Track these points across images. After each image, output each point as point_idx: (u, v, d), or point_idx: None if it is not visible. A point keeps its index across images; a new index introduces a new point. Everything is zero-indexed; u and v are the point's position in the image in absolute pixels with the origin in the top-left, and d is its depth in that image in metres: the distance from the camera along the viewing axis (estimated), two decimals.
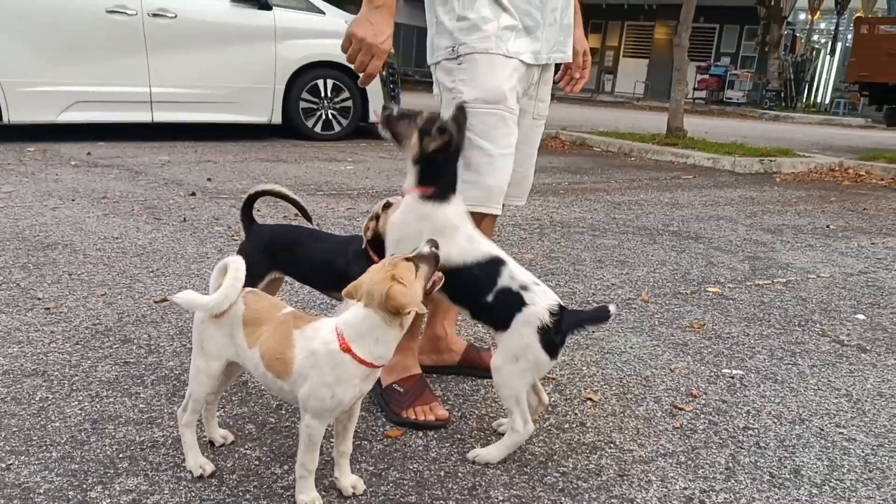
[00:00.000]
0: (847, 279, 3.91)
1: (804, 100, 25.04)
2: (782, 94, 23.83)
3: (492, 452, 1.96)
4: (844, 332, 3.11)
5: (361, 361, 1.61)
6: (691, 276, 3.82)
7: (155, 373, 2.41)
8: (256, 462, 1.93)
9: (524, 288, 1.90)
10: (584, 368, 2.59)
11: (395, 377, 2.22)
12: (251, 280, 2.39)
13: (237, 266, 1.80)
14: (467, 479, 1.89)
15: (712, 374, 2.61)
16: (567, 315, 1.90)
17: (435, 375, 2.46)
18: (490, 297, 1.92)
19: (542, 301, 1.88)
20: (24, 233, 3.95)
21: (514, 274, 1.93)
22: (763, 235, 4.86)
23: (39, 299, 2.99)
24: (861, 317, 3.29)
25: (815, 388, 2.54)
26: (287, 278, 2.47)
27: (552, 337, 1.88)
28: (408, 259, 1.64)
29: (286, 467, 1.89)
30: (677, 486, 1.89)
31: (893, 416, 2.35)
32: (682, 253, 4.28)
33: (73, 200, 4.76)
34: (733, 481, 1.94)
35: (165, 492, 1.79)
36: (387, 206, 2.16)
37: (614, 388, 2.45)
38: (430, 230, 1.88)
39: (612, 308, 1.86)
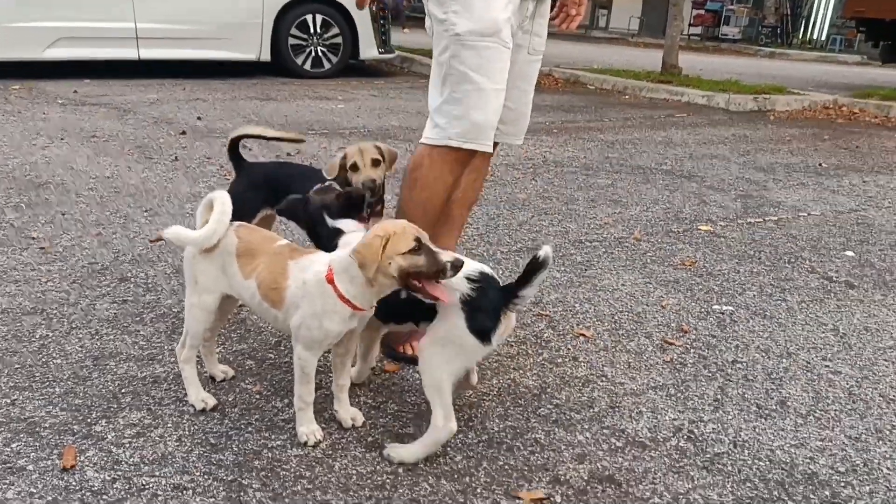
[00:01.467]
0: (837, 217, 3.94)
1: (800, 36, 24.70)
2: (778, 31, 23.48)
3: (409, 450, 1.73)
4: (833, 268, 3.15)
5: (341, 296, 1.64)
6: (683, 214, 3.84)
7: (153, 311, 2.43)
8: (257, 396, 1.98)
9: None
10: (576, 305, 2.63)
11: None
12: (243, 216, 2.40)
13: (223, 200, 1.81)
14: (464, 411, 1.94)
15: (703, 310, 2.65)
16: (493, 285, 1.68)
17: None
18: (403, 294, 1.72)
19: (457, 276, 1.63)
20: (14, 172, 3.92)
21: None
22: (756, 174, 4.87)
23: (34, 238, 2.99)
24: (850, 254, 3.33)
25: (803, 322, 2.60)
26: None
27: (478, 313, 1.65)
28: (418, 240, 1.60)
29: (286, 401, 1.94)
30: (667, 417, 1.95)
31: (878, 350, 2.41)
32: (675, 192, 4.29)
33: (61, 139, 4.70)
34: (721, 412, 2.00)
35: (168, 425, 1.83)
36: (344, 157, 2.18)
37: (606, 324, 2.50)
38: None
39: (542, 252, 1.64)
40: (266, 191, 2.36)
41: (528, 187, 4.21)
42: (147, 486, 1.61)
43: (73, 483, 1.61)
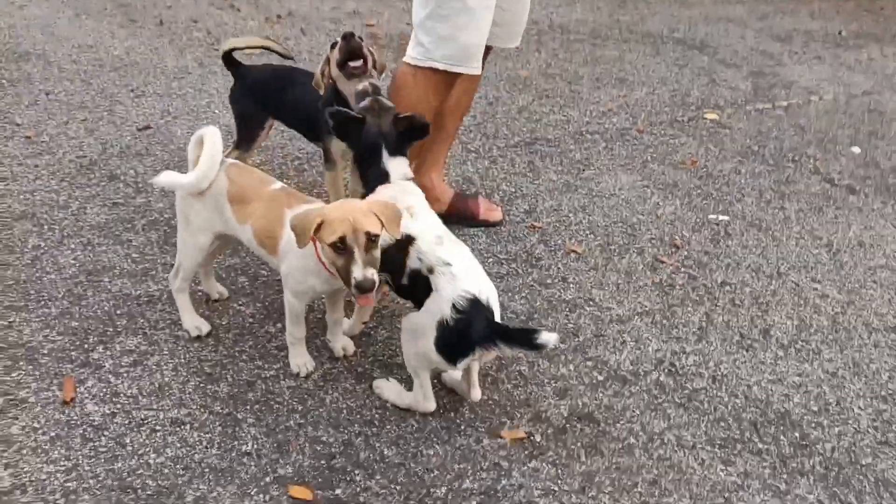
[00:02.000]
0: (850, 101, 3.81)
1: None
2: None
3: (392, 392, 1.75)
4: (837, 168, 3.09)
5: (319, 258, 1.62)
6: (691, 98, 3.71)
7: (144, 216, 2.42)
8: (251, 320, 2.01)
9: (431, 271, 1.62)
10: (570, 215, 2.60)
11: None
12: (252, 130, 2.35)
13: (213, 140, 1.74)
14: None
15: (698, 220, 2.63)
16: (479, 319, 1.55)
17: None
18: (405, 279, 1.67)
19: (447, 290, 1.57)
20: None
21: (423, 253, 1.64)
22: (772, 45, 4.64)
23: (18, 125, 2.91)
24: (856, 150, 3.25)
25: (798, 236, 2.59)
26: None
27: (452, 339, 1.56)
28: (342, 240, 1.51)
29: (279, 326, 1.98)
30: (650, 349, 2.00)
31: (869, 270, 2.42)
32: (685, 68, 4.11)
33: None
34: (704, 342, 2.04)
35: (164, 352, 1.88)
36: (333, 45, 2.05)
37: (599, 238, 2.49)
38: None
39: (543, 339, 1.49)
40: (266, 98, 2.30)
41: (530, 61, 4.03)
42: (146, 421, 1.68)
43: (75, 417, 1.68)
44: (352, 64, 2.00)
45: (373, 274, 1.52)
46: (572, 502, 1.55)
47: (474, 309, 1.55)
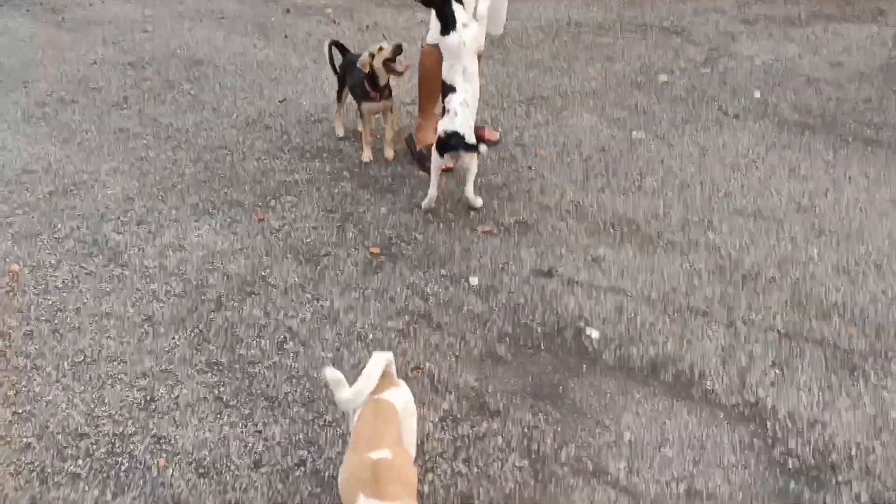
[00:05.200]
0: (774, 64, 5.15)
1: None
2: None
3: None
4: (736, 104, 4.51)
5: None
6: (654, 68, 5.16)
7: (288, 144, 4.16)
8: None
9: (448, 111, 3.36)
10: (544, 137, 4.18)
11: (423, 146, 3.87)
12: (339, 93, 4.07)
13: (376, 361, 1.86)
14: (456, 192, 3.61)
15: (625, 136, 4.15)
16: (454, 139, 3.28)
17: None
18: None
19: (446, 123, 3.33)
20: (177, 52, 5.62)
21: (452, 101, 3.36)
22: (738, 27, 5.99)
23: (206, 102, 4.73)
24: (757, 94, 4.64)
25: (685, 143, 4.07)
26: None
27: (440, 146, 3.33)
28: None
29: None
30: (568, 196, 3.56)
31: (724, 163, 3.87)
32: (659, 48, 5.55)
33: (200, 21, 6.35)
34: (598, 192, 3.58)
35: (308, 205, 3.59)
36: (380, 49, 3.70)
37: (558, 147, 4.05)
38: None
39: (482, 148, 3.37)
40: (343, 74, 4.02)
41: (545, 49, 5.58)
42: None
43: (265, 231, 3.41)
44: (395, 64, 3.67)
45: None
46: (510, 246, 3.15)
47: (454, 135, 3.29)
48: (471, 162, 3.37)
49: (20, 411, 2.46)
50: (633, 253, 3.18)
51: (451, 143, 3.31)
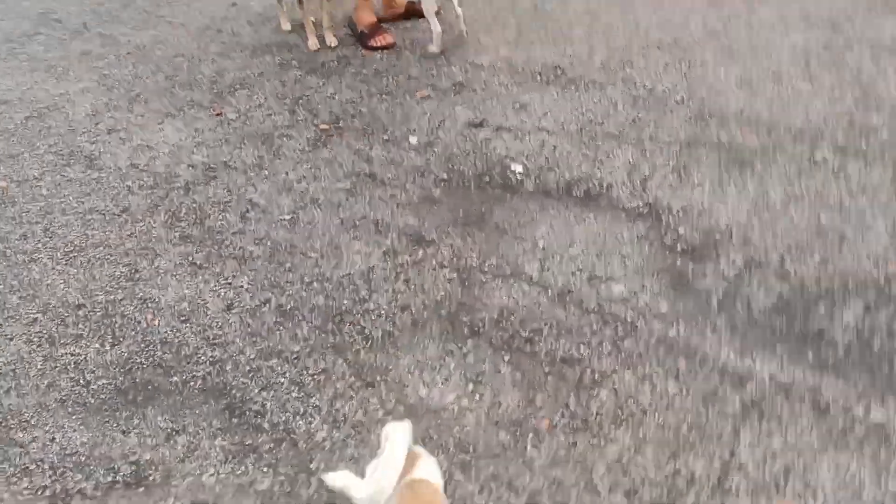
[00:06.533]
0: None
1: None
2: None
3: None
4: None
5: None
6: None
7: (240, 44, 4.40)
8: None
9: None
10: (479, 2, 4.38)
11: (363, 26, 4.11)
12: None
13: (397, 438, 1.57)
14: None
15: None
16: None
17: (390, 23, 4.35)
18: None
19: None
20: None
21: None
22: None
23: (161, 17, 4.94)
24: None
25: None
26: None
27: None
28: None
29: None
30: (499, 56, 3.80)
31: (647, 8, 4.06)
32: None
33: None
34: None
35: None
36: None
37: (493, 10, 4.25)
38: None
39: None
40: None
41: None
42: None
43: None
44: None
45: None
46: (446, 106, 3.44)
47: None
48: None
49: (24, 295, 2.85)
50: (557, 95, 3.45)
51: None
